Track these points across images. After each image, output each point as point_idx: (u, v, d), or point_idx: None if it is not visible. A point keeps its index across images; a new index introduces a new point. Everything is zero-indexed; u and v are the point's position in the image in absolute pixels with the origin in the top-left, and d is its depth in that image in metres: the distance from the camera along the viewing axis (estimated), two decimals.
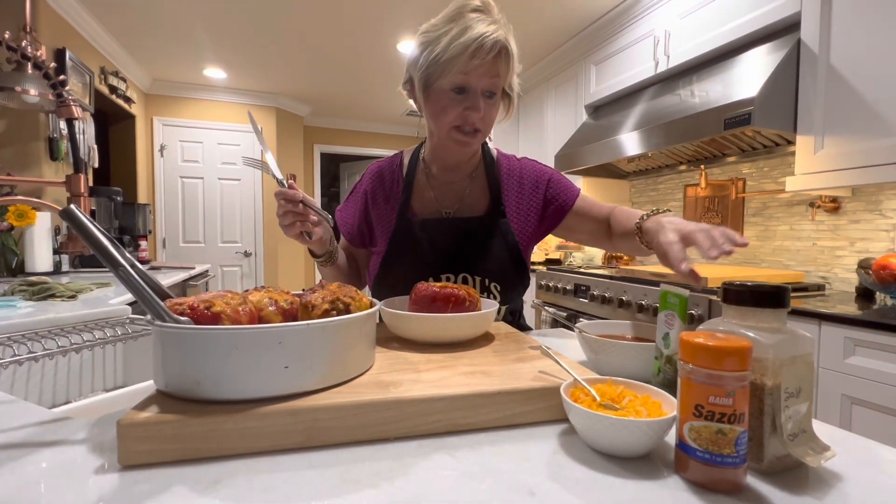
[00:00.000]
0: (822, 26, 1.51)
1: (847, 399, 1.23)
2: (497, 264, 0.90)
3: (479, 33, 0.74)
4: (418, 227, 0.91)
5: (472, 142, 0.85)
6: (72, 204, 0.43)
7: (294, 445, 0.42)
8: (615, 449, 0.40)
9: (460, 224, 0.92)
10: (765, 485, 0.37)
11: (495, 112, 0.85)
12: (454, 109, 0.80)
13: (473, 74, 0.77)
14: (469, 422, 0.46)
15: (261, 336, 0.42)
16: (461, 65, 0.76)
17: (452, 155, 0.92)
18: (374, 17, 2.71)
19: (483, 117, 0.81)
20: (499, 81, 0.80)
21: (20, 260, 2.01)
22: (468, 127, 0.82)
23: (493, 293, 0.90)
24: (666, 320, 0.55)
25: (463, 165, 0.95)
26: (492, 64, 0.77)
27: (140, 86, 3.71)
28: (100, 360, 1.08)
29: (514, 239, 0.92)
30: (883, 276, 1.37)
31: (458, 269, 0.90)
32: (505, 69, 0.79)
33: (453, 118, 0.81)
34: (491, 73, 0.78)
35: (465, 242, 0.90)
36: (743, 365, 0.35)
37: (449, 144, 0.86)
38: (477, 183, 0.96)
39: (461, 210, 0.94)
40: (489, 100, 0.81)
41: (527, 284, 0.96)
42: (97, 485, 0.36)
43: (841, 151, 1.46)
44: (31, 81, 1.71)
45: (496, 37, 0.75)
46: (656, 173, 2.56)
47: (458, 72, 0.76)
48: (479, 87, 0.79)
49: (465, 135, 0.83)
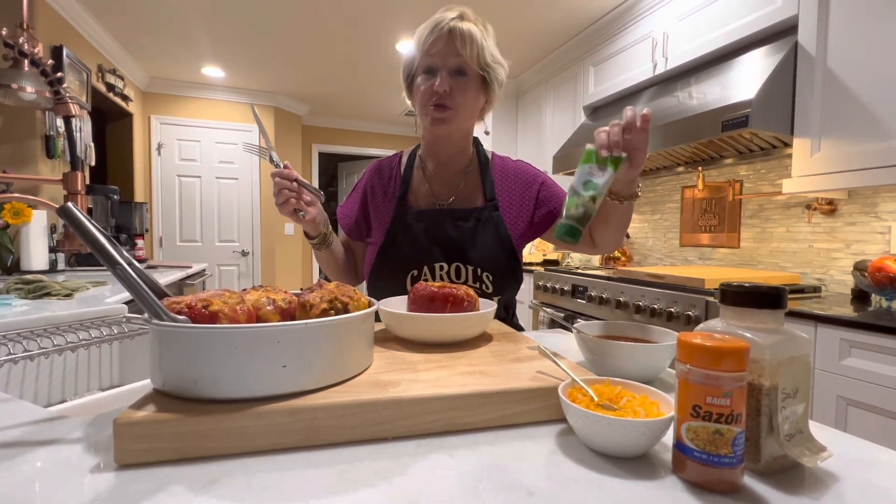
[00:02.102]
0: (819, 30, 1.51)
1: (843, 400, 1.23)
2: (489, 255, 0.92)
3: (439, 18, 0.84)
4: (414, 218, 0.94)
5: (444, 117, 0.88)
6: (69, 202, 0.43)
7: (292, 444, 0.42)
8: (613, 449, 0.40)
9: (454, 215, 0.95)
10: (762, 485, 0.37)
11: (468, 92, 0.89)
12: (427, 89, 0.87)
13: (437, 55, 0.85)
14: (467, 421, 0.46)
15: (259, 335, 0.42)
16: (422, 46, 0.85)
17: (440, 144, 0.96)
18: (372, 17, 2.70)
19: (451, 93, 0.86)
20: (463, 61, 0.85)
21: (16, 258, 2.00)
22: (437, 101, 0.87)
23: (485, 283, 0.92)
24: (590, 171, 0.68)
25: (456, 161, 0.99)
26: (448, 41, 0.84)
27: (138, 84, 3.69)
28: (96, 359, 1.08)
29: (506, 232, 0.94)
30: (878, 279, 1.38)
31: (452, 258, 0.92)
32: (465, 48, 0.84)
33: (425, 97, 0.88)
34: (450, 51, 0.85)
35: (459, 233, 0.93)
36: (740, 366, 0.35)
37: (430, 128, 0.91)
38: (471, 178, 1.00)
39: (455, 202, 0.98)
40: (459, 77, 0.87)
41: (519, 279, 0.98)
42: (93, 484, 0.36)
43: (837, 154, 1.47)
44: (28, 78, 1.70)
45: (453, 22, 0.84)
46: (654, 174, 2.56)
47: (424, 53, 0.85)
48: (445, 66, 0.86)
49: (436, 109, 0.87)
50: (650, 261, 2.69)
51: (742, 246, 2.13)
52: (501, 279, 0.93)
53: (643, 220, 2.74)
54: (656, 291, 1.77)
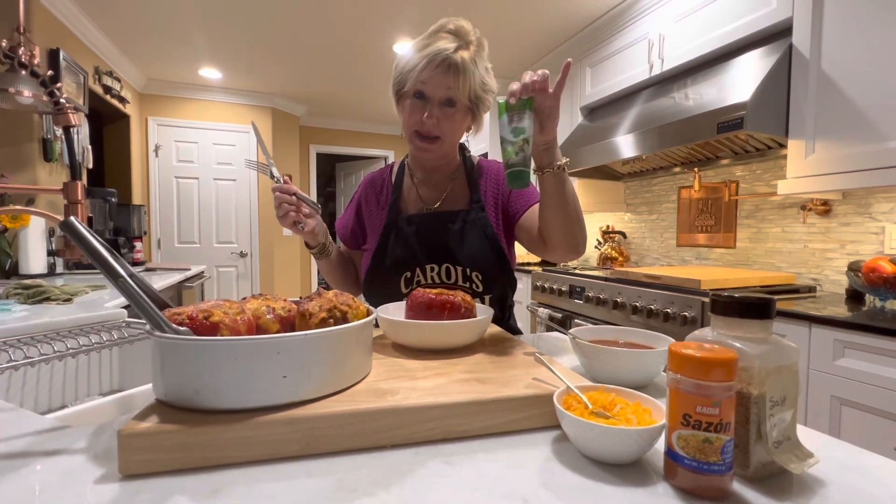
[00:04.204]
0: (814, 32, 1.53)
1: (836, 400, 1.25)
2: (477, 255, 0.94)
3: (436, 49, 0.84)
4: (405, 223, 0.98)
5: (431, 148, 0.92)
6: (71, 215, 0.44)
7: (292, 454, 0.42)
8: (606, 456, 0.41)
9: (442, 217, 0.98)
10: (751, 491, 0.38)
11: (457, 121, 0.91)
12: (415, 114, 0.89)
13: (429, 84, 0.86)
14: (464, 429, 0.47)
15: (259, 346, 0.43)
16: (417, 73, 0.85)
17: (421, 161, 1.00)
18: (369, 18, 2.71)
19: (439, 124, 0.89)
20: (454, 93, 0.87)
21: (14, 262, 2.00)
22: (424, 132, 0.90)
23: (475, 282, 0.95)
24: (509, 119, 0.71)
25: (442, 169, 1.03)
26: (443, 76, 0.85)
27: (135, 86, 3.69)
28: (96, 364, 1.08)
29: (493, 231, 0.96)
30: (872, 279, 1.40)
31: (442, 260, 0.95)
32: (457, 83, 0.86)
33: (413, 122, 0.90)
34: (444, 84, 0.86)
35: (447, 235, 0.96)
36: (729, 375, 0.36)
37: (411, 149, 0.95)
38: (458, 182, 1.03)
39: (443, 206, 1.01)
40: (448, 108, 0.89)
41: (510, 277, 0.99)
42: (97, 494, 0.37)
43: (831, 156, 1.49)
44: (25, 83, 1.71)
45: (448, 54, 0.84)
46: (651, 175, 2.58)
47: (417, 80, 0.86)
48: (436, 96, 0.87)
49: (423, 140, 0.91)
50: (647, 261, 2.70)
51: (738, 246, 2.14)
52: (491, 278, 0.95)
53: (640, 221, 2.75)
54: (653, 292, 1.78)
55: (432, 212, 1.00)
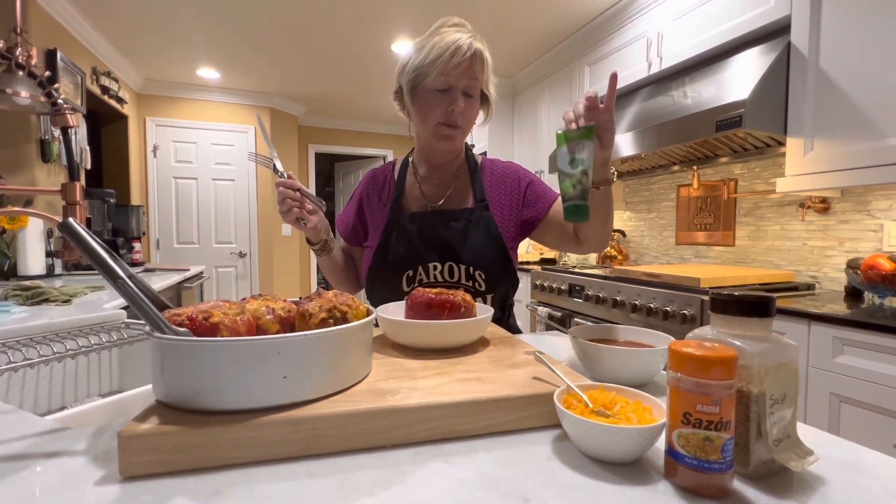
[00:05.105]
0: (812, 30, 1.53)
1: (836, 397, 1.25)
2: (481, 253, 0.95)
3: (455, 38, 0.86)
4: (408, 220, 0.97)
5: (455, 135, 0.93)
6: (69, 216, 0.44)
7: (293, 454, 0.42)
8: (607, 455, 0.41)
9: (446, 216, 0.98)
10: (751, 489, 0.38)
11: (475, 112, 0.94)
12: (439, 107, 0.89)
13: (453, 75, 0.87)
14: (464, 428, 0.47)
15: (260, 347, 0.43)
16: (442, 65, 0.85)
17: (438, 153, 1.00)
18: (368, 17, 2.70)
19: (463, 113, 0.90)
20: (476, 84, 0.90)
21: (12, 263, 2.00)
22: (451, 120, 0.90)
23: (478, 281, 0.94)
24: (569, 150, 0.70)
25: (447, 165, 1.03)
26: (469, 65, 0.87)
27: (132, 86, 3.68)
28: (95, 365, 1.08)
29: (497, 231, 0.97)
30: (871, 276, 1.40)
31: (445, 258, 0.95)
32: (480, 71, 0.89)
33: (439, 115, 0.90)
34: (469, 73, 0.87)
35: (451, 232, 0.96)
36: (729, 374, 0.36)
37: (433, 141, 0.95)
38: (461, 180, 1.03)
39: (446, 204, 1.01)
40: (469, 99, 0.90)
41: (513, 277, 0.99)
42: (97, 496, 0.37)
43: (830, 154, 1.49)
44: (22, 83, 1.70)
45: (471, 42, 0.86)
46: (650, 173, 2.58)
47: (440, 73, 0.86)
48: (459, 86, 0.89)
49: (449, 127, 0.91)
50: (646, 259, 2.71)
51: (737, 244, 2.14)
52: (494, 277, 0.95)
53: (639, 219, 2.75)
54: (653, 291, 1.78)
55: (435, 209, 1.00)
